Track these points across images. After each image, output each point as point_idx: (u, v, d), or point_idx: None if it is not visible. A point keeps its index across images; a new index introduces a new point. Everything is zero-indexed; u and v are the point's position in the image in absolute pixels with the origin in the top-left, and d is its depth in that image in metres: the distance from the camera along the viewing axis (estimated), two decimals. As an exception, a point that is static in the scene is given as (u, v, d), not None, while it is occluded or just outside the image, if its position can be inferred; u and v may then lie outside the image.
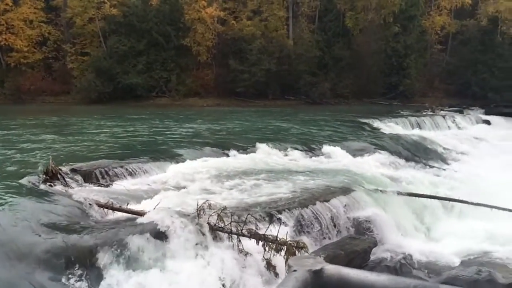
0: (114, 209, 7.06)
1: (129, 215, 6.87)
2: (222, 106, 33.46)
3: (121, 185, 8.98)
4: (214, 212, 6.28)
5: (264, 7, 35.76)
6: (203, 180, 9.53)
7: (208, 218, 6.26)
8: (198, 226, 6.10)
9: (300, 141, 15.82)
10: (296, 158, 13.42)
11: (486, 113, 30.86)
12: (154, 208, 6.64)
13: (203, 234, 6.09)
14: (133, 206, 7.32)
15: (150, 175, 10.22)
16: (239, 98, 34.77)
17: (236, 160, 12.19)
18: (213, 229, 6.17)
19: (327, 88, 34.64)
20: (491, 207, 10.91)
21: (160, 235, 6.00)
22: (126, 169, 10.03)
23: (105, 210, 7.21)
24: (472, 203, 10.91)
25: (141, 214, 6.53)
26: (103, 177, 9.56)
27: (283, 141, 15.29)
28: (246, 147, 13.76)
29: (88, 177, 9.49)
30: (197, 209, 6.34)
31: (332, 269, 3.02)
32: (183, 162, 11.42)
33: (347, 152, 14.72)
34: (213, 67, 37.33)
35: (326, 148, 14.80)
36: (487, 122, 28.25)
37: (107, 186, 9.25)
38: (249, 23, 35.23)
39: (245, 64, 33.88)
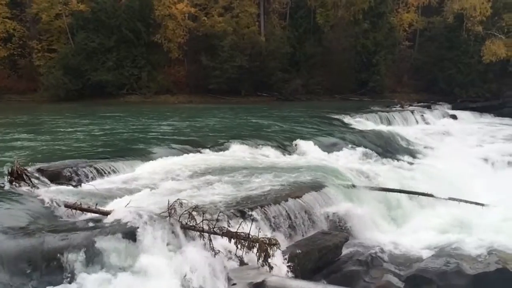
0: (82, 209, 6.89)
1: (98, 216, 6.72)
2: (195, 103, 33.19)
3: (91, 185, 8.79)
4: (185, 210, 6.20)
5: (235, 4, 35.64)
6: (175, 179, 9.42)
7: (179, 217, 6.18)
8: (169, 225, 6.01)
9: (273, 137, 15.84)
10: (269, 154, 13.42)
11: (453, 108, 31.69)
12: (124, 208, 6.50)
13: (174, 233, 6.01)
14: (102, 206, 7.15)
15: (120, 174, 10.03)
16: (211, 95, 34.58)
17: (208, 157, 12.09)
18: (185, 228, 6.09)
19: (299, 85, 34.84)
20: (459, 200, 11.22)
21: (130, 235, 5.88)
22: (96, 169, 9.81)
23: (73, 210, 7.02)
24: (440, 197, 11.19)
25: (110, 214, 6.39)
26: (71, 177, 9.32)
27: (256, 138, 15.26)
28: (218, 144, 13.68)
29: (56, 177, 9.24)
30: (168, 208, 6.25)
31: (275, 281, 2.99)
32: (154, 160, 11.26)
33: (319, 148, 14.84)
34: (184, 63, 36.97)
35: (299, 144, 14.88)
36: (454, 117, 29.02)
37: (76, 186, 9.02)
38: (221, 20, 35.04)
39: (217, 60, 33.69)
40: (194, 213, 6.17)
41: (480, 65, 32.84)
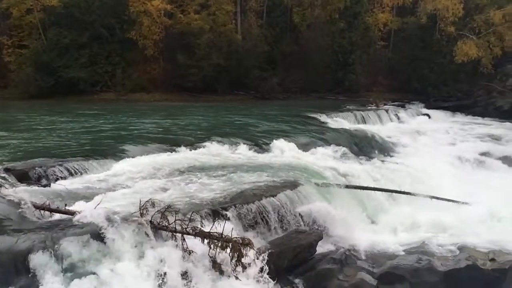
0: (51, 210, 6.69)
1: (68, 216, 6.54)
2: (170, 101, 32.80)
3: (61, 185, 8.57)
4: (157, 211, 6.09)
5: (212, 1, 35.37)
6: (147, 178, 9.26)
7: (152, 217, 6.06)
8: (140, 225, 5.89)
9: (249, 136, 15.79)
10: (244, 153, 13.35)
11: (426, 107, 32.20)
12: (94, 208, 6.35)
13: (146, 234, 5.89)
14: (72, 207, 6.97)
15: (92, 173, 9.82)
16: (187, 93, 34.21)
17: (183, 156, 11.94)
18: (157, 228, 5.98)
19: (275, 83, 34.83)
20: (431, 197, 11.42)
21: (100, 236, 5.74)
22: (66, 168, 9.58)
23: (41, 211, 6.82)
24: (413, 194, 11.37)
25: (79, 214, 6.22)
26: (40, 177, 9.07)
27: (232, 136, 15.18)
28: (194, 143, 13.54)
29: (24, 177, 8.98)
30: (139, 208, 6.12)
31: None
32: (127, 159, 11.07)
33: (295, 146, 14.84)
34: (160, 61, 36.47)
35: (275, 143, 14.84)
36: (427, 116, 29.53)
37: (45, 186, 8.78)
38: (197, 17, 34.70)
39: (193, 58, 33.35)
40: (166, 213, 6.06)
41: (452, 65, 33.48)
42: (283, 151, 14.24)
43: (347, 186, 10.77)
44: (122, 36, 34.21)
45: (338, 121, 22.06)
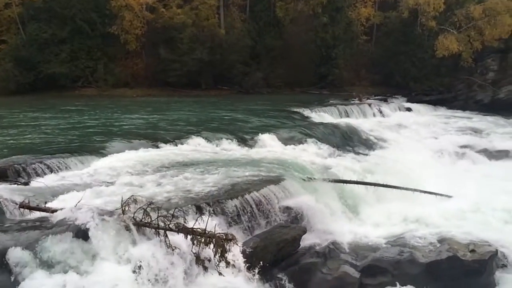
0: (30, 208, 6.58)
1: (48, 214, 6.44)
2: (154, 97, 32.50)
3: (41, 182, 8.42)
4: (140, 207, 6.03)
5: (195, -5, 35.10)
6: (130, 174, 9.16)
7: (134, 214, 6.00)
8: (122, 222, 5.82)
9: (233, 131, 15.74)
10: (228, 148, 13.33)
11: (408, 101, 32.50)
12: (75, 206, 6.26)
13: (129, 231, 5.83)
14: (52, 204, 6.87)
15: (73, 170, 9.69)
16: (171, 88, 33.93)
17: (166, 152, 11.86)
18: (139, 225, 5.93)
19: (259, 78, 34.78)
20: (413, 190, 11.56)
21: (81, 234, 5.67)
22: (46, 165, 9.42)
23: (21, 209, 6.70)
24: (396, 187, 11.48)
25: (59, 212, 6.13)
26: (19, 174, 8.91)
27: (216, 131, 15.12)
28: (177, 139, 13.44)
29: (3, 175, 8.80)
30: (121, 205, 6.06)
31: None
32: (109, 155, 10.94)
33: (279, 141, 14.87)
34: (143, 56, 36.07)
35: (259, 138, 14.84)
36: (409, 110, 29.81)
37: (25, 183, 8.63)
38: (180, 11, 34.39)
39: (176, 53, 33.07)
40: (148, 209, 6.00)
41: (433, 59, 33.81)
42: (267, 145, 14.26)
43: (330, 180, 10.83)
44: (104, 31, 33.73)
45: (322, 116, 22.14)
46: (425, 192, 11.61)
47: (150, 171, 9.63)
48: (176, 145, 12.76)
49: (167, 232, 5.93)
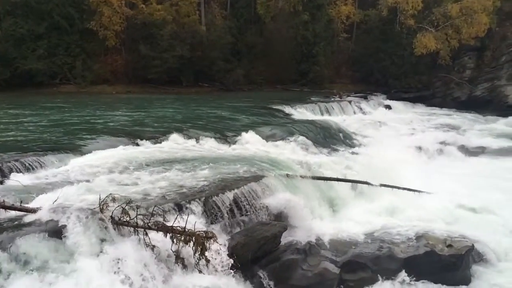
0: (5, 207, 6.41)
1: (23, 213, 6.29)
2: (133, 94, 32.10)
3: (16, 181, 8.23)
4: (118, 206, 5.95)
5: (175, -9, 34.76)
6: (109, 172, 9.03)
7: (112, 213, 5.92)
8: (100, 221, 5.74)
9: (214, 128, 15.69)
10: (209, 145, 13.26)
11: (387, 99, 33.00)
12: (51, 205, 6.14)
13: (107, 230, 5.75)
14: (28, 203, 6.71)
15: (50, 168, 9.49)
16: (151, 85, 33.56)
17: (146, 150, 11.73)
18: (117, 224, 5.85)
19: (240, 75, 34.71)
20: (392, 187, 11.71)
21: (57, 234, 5.56)
22: (22, 163, 9.21)
23: (-4, 209, 6.53)
24: (375, 185, 11.61)
25: (36, 211, 6.00)
26: (-6, 173, 8.70)
27: (196, 128, 15.04)
28: (157, 136, 13.32)
29: (-24, 174, 8.59)
30: (99, 204, 5.96)
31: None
32: (89, 153, 10.77)
33: (260, 138, 14.87)
34: (122, 52, 35.59)
35: (240, 135, 14.82)
36: (388, 107, 30.24)
37: (0, 182, 8.44)
38: (160, 8, 34.03)
39: (157, 50, 32.72)
40: (127, 208, 5.93)
41: (412, 57, 34.32)
42: (248, 143, 14.24)
43: (311, 177, 10.87)
44: (82, 27, 33.14)
45: (303, 113, 22.26)
46: (403, 188, 11.77)
47: (130, 169, 9.52)
48: (157, 143, 12.65)
49: (146, 230, 5.87)
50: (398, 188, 11.73)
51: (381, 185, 11.59)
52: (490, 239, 9.44)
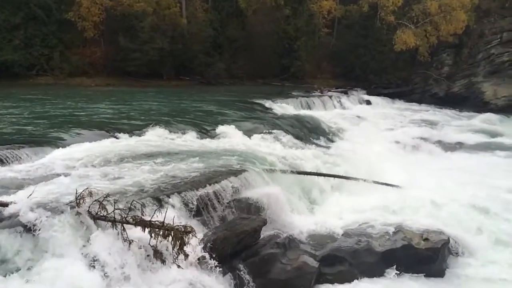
0: (-23, 201, 6.24)
1: (-3, 208, 6.14)
2: (113, 86, 31.63)
3: (-10, 175, 8.03)
4: (95, 200, 5.86)
5: (155, -17, 34.30)
6: (86, 166, 8.87)
7: (89, 207, 5.82)
8: (77, 216, 5.64)
9: (194, 122, 15.59)
10: (189, 139, 13.16)
11: (368, 94, 33.34)
12: (26, 199, 6.00)
13: (83, 224, 5.66)
14: (3, 197, 6.55)
15: (26, 162, 9.26)
16: (131, 78, 33.13)
17: (125, 143, 11.56)
18: (94, 218, 5.76)
19: (222, 69, 34.55)
20: (371, 182, 11.85)
21: (33, 228, 5.44)
22: (-4, 156, 8.98)
23: (-32, 203, 6.36)
24: (354, 179, 11.73)
25: (9, 205, 5.85)
26: (-34, 166, 8.46)
27: (176, 122, 14.91)
28: (137, 130, 13.15)
29: None
30: (76, 198, 5.86)
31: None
32: (66, 147, 10.54)
33: (240, 132, 14.83)
34: (101, 44, 35.00)
35: (220, 129, 14.76)
36: (368, 102, 30.58)
37: (-27, 176, 8.20)
38: (140, -1, 33.66)
39: (137, 42, 32.28)
40: (105, 202, 5.84)
41: (392, 53, 34.72)
42: (229, 137, 14.19)
43: (291, 172, 10.91)
44: (60, 17, 32.44)
45: (284, 107, 22.30)
46: (382, 183, 11.92)
47: (107, 162, 9.37)
48: (136, 136, 12.49)
49: (124, 225, 5.80)
50: (377, 183, 11.88)
51: (360, 179, 11.71)
52: (464, 233, 9.65)
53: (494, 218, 10.46)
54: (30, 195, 6.19)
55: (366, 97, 31.94)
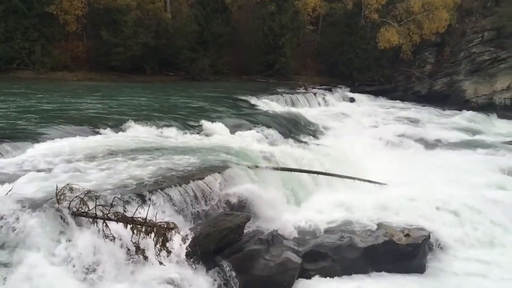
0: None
1: (-25, 205, 6.01)
2: (96, 81, 31.22)
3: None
4: (76, 196, 5.78)
5: (139, -23, 33.89)
6: (67, 162, 8.73)
7: (70, 203, 5.74)
8: (57, 212, 5.55)
9: (178, 117, 15.48)
10: (172, 135, 13.08)
11: (351, 91, 33.58)
12: (6, 195, 5.89)
13: (64, 221, 5.58)
14: (-21, 194, 6.41)
15: (5, 157, 9.09)
16: (114, 73, 32.76)
17: (107, 139, 11.42)
18: (75, 215, 5.68)
19: (206, 64, 34.35)
20: (354, 178, 11.95)
21: (10, 226, 5.34)
22: (-26, 152, 8.80)
23: None
24: (337, 176, 11.81)
25: (-12, 202, 5.74)
26: None
27: (160, 118, 14.78)
28: (119, 125, 12.99)
29: None
30: (56, 194, 5.77)
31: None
32: (47, 142, 10.36)
33: (225, 129, 14.81)
34: (84, 38, 34.49)
35: (205, 125, 14.72)
36: (352, 100, 30.80)
37: (-50, 172, 8.02)
38: (123, -7, 33.21)
39: (120, 36, 31.88)
40: (86, 198, 5.77)
41: (375, 51, 34.94)
42: (213, 133, 14.16)
43: (275, 168, 10.94)
44: (41, 10, 31.82)
45: (268, 104, 22.30)
46: (364, 180, 12.04)
47: (89, 158, 9.23)
48: (120, 132, 12.36)
49: (106, 221, 5.74)
50: (360, 179, 11.99)
51: (343, 176, 11.80)
52: (445, 229, 9.82)
53: (474, 215, 10.65)
54: (9, 191, 6.08)
55: (350, 94, 32.15)
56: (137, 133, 12.48)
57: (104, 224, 5.72)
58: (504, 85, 33.55)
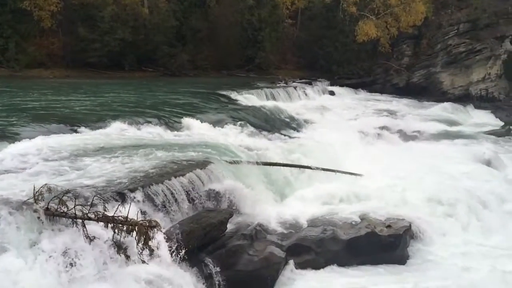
0: None
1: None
2: (72, 78, 30.61)
3: None
4: (55, 196, 5.64)
5: (115, -29, 33.30)
6: (45, 161, 8.53)
7: (48, 204, 5.61)
8: (34, 213, 5.42)
9: (158, 114, 15.28)
10: (153, 132, 12.90)
11: (331, 85, 33.78)
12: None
13: (41, 222, 5.44)
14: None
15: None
16: (91, 70, 32.20)
17: (85, 137, 11.19)
18: (54, 215, 5.55)
19: (185, 60, 34.05)
20: (334, 171, 12.03)
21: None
22: None
23: None
24: (318, 169, 11.87)
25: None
26: None
27: (140, 114, 14.57)
28: (98, 123, 12.75)
29: None
30: (33, 194, 5.63)
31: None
32: (23, 141, 10.08)
33: (206, 124, 14.70)
34: (59, 35, 33.76)
35: (185, 121, 14.57)
36: (332, 93, 30.98)
37: None
38: (99, -12, 32.59)
39: (97, 32, 31.31)
40: (65, 198, 5.64)
41: (354, 44, 35.20)
42: (194, 128, 14.04)
43: (257, 163, 10.92)
44: (15, 6, 31.00)
45: (249, 98, 22.23)
46: (345, 172, 12.13)
47: (67, 157, 9.03)
48: (97, 129, 12.13)
49: (85, 221, 5.62)
50: (340, 172, 12.07)
51: (324, 169, 11.86)
52: (425, 219, 9.97)
53: (453, 205, 10.84)
54: (-16, 192, 5.91)
55: (330, 87, 32.32)
56: (117, 130, 12.27)
57: (83, 224, 5.61)
58: (480, 76, 34.22)
